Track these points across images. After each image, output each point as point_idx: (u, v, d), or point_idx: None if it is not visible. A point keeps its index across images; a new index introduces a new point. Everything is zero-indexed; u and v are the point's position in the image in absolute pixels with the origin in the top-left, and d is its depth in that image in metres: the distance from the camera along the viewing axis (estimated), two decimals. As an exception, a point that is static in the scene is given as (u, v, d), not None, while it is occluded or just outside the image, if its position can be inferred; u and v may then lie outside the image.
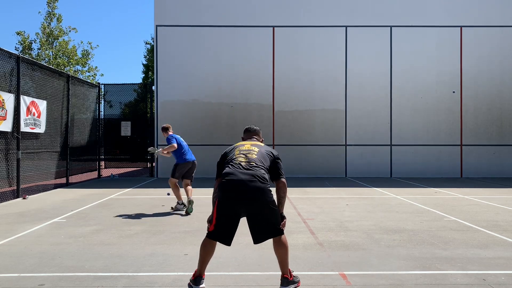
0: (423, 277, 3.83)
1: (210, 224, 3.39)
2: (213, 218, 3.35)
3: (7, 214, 7.06)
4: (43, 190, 10.09)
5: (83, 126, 13.21)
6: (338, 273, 3.92)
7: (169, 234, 5.55)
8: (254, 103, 14.28)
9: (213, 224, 3.34)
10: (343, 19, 14.32)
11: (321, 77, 14.26)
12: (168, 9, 14.28)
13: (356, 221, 6.47)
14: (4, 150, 8.62)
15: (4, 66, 8.52)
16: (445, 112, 14.27)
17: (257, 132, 4.02)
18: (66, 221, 6.45)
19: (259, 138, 4.01)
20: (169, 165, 14.33)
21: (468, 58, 14.31)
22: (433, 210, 7.45)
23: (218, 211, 3.33)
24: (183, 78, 14.17)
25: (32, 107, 9.53)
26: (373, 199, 8.84)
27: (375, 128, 14.35)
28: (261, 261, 4.33)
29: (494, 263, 4.26)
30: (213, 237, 3.38)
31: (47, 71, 10.75)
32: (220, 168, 3.59)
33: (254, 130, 4.01)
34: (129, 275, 3.88)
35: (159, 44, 14.19)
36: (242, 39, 14.25)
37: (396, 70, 14.32)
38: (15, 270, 4.02)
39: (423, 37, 14.31)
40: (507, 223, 6.30)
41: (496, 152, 14.26)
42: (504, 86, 14.34)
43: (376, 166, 14.19)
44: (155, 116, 14.23)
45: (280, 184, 3.50)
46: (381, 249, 4.79)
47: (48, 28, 21.96)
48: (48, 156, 10.69)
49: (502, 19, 14.34)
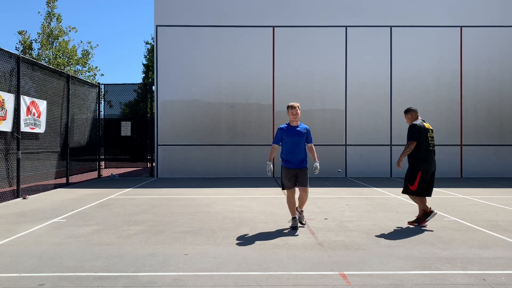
0: (423, 277, 3.83)
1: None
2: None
3: (7, 214, 7.06)
4: (43, 190, 10.09)
5: (83, 126, 13.21)
6: (338, 273, 3.93)
7: (169, 234, 5.55)
8: (254, 103, 14.29)
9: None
10: (343, 19, 14.32)
11: (321, 77, 14.26)
12: (168, 9, 14.28)
13: (356, 221, 6.47)
14: (4, 150, 8.62)
15: (4, 66, 8.53)
16: (445, 112, 14.27)
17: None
18: (66, 221, 6.45)
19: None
20: (169, 165, 14.43)
21: (468, 58, 14.31)
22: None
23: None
24: (183, 78, 14.18)
25: (32, 107, 9.53)
26: (373, 199, 8.84)
27: (375, 128, 14.35)
28: (261, 261, 4.33)
29: (494, 263, 4.26)
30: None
31: (47, 71, 10.75)
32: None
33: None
34: (129, 275, 3.88)
35: (159, 44, 14.20)
36: (242, 39, 14.25)
37: (396, 70, 14.32)
38: (15, 270, 4.02)
39: (423, 37, 14.31)
40: (507, 223, 6.30)
41: (496, 152, 14.26)
42: (504, 86, 14.34)
43: (376, 166, 14.19)
44: (155, 116, 14.23)
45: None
46: (381, 249, 4.79)
47: (48, 28, 21.97)
48: (48, 156, 10.69)
49: (502, 19, 14.34)
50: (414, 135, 5.94)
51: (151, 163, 14.82)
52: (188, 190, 10.30)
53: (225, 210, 7.44)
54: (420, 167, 5.92)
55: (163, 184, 11.87)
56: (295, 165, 5.90)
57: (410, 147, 5.92)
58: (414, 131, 5.95)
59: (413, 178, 5.94)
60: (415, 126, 5.99)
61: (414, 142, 5.91)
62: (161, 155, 14.12)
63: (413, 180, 5.94)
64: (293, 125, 5.95)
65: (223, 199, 8.79)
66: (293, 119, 5.91)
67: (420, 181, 5.92)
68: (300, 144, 5.89)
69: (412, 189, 5.99)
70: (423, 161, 5.93)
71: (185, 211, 7.27)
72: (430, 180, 6.03)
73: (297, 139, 5.86)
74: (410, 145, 5.92)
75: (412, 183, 5.96)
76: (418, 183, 5.92)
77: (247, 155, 14.17)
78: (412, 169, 6.00)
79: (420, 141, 5.91)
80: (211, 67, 14.21)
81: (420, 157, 5.93)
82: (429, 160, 5.97)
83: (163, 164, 14.09)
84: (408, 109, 6.32)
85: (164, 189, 10.58)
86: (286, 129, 5.95)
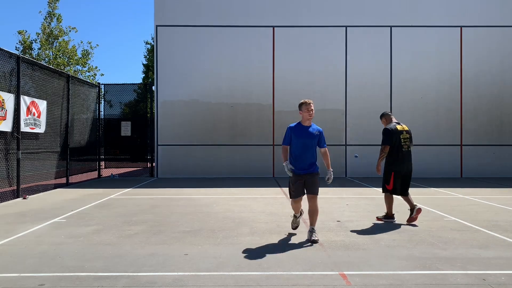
0: (423, 277, 3.83)
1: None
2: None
3: (7, 214, 7.06)
4: (43, 190, 10.09)
5: (83, 126, 13.21)
6: (338, 273, 3.92)
7: (169, 234, 5.55)
8: (254, 103, 14.28)
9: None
10: (343, 19, 14.31)
11: (321, 77, 14.25)
12: (168, 9, 14.27)
13: (356, 221, 6.47)
14: (4, 150, 8.62)
15: (4, 66, 8.52)
16: (445, 112, 14.26)
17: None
18: (66, 221, 6.45)
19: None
20: (169, 165, 14.42)
21: (468, 58, 14.31)
22: (433, 210, 7.45)
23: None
24: (183, 78, 14.17)
25: (32, 107, 9.53)
26: (373, 199, 8.84)
27: (375, 128, 14.30)
28: (261, 261, 4.33)
29: (494, 263, 4.25)
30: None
31: (47, 71, 10.75)
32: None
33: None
34: (129, 275, 3.88)
35: (159, 44, 14.19)
36: (242, 39, 14.25)
37: (396, 70, 14.31)
38: (15, 270, 4.02)
39: (423, 37, 14.31)
40: (507, 223, 6.30)
41: (496, 152, 14.25)
42: (504, 86, 14.33)
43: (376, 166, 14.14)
44: (155, 116, 14.23)
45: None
46: (381, 249, 4.79)
47: (48, 28, 21.97)
48: (48, 156, 10.69)
49: (502, 19, 14.34)
50: (386, 139, 6.23)
51: (151, 163, 14.82)
52: (188, 190, 10.30)
53: (225, 210, 7.43)
54: (393, 168, 6.23)
55: (163, 184, 11.87)
56: (303, 170, 5.21)
57: (384, 151, 6.24)
58: (386, 135, 6.26)
59: (388, 179, 6.28)
60: (386, 130, 6.30)
61: (388, 146, 6.21)
62: (161, 155, 14.11)
63: (389, 180, 6.28)
64: (305, 125, 5.27)
65: (223, 199, 8.78)
66: (308, 117, 5.23)
67: (394, 181, 6.24)
68: (311, 148, 5.24)
69: (389, 188, 6.32)
70: (395, 162, 6.22)
71: (185, 211, 7.27)
72: (406, 180, 6.31)
73: (308, 142, 5.19)
74: (384, 149, 6.24)
75: (388, 183, 6.30)
76: (392, 183, 6.25)
77: (247, 155, 14.17)
78: (386, 170, 6.34)
79: (392, 143, 6.20)
80: (211, 67, 14.20)
81: (392, 159, 6.23)
82: (402, 161, 6.23)
83: (163, 164, 14.09)
84: (382, 114, 6.71)
85: (164, 189, 10.57)
86: (297, 129, 5.27)
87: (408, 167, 6.29)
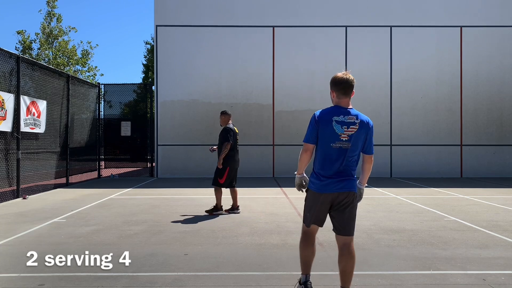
0: (423, 277, 3.83)
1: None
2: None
3: (7, 214, 7.05)
4: (43, 190, 10.09)
5: (83, 126, 13.21)
6: (338, 273, 3.92)
7: (169, 234, 5.55)
8: (254, 103, 14.28)
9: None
10: (343, 19, 14.31)
11: (321, 77, 14.23)
12: (168, 9, 14.27)
13: (356, 221, 6.45)
14: (4, 150, 8.62)
15: (4, 66, 8.52)
16: (445, 112, 14.26)
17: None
18: (66, 221, 6.45)
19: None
20: (169, 165, 14.42)
21: (468, 58, 14.31)
22: (433, 210, 7.45)
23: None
24: (183, 78, 14.17)
25: (32, 107, 9.53)
26: (373, 199, 8.84)
27: (375, 128, 14.25)
28: (261, 261, 4.33)
29: (494, 263, 4.25)
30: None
31: (47, 71, 10.75)
32: None
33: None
34: (129, 275, 3.88)
35: (159, 44, 14.19)
36: (242, 39, 14.24)
37: (396, 70, 14.31)
38: (15, 270, 4.02)
39: (423, 37, 14.31)
40: (507, 223, 6.30)
41: (496, 152, 14.25)
42: (504, 86, 14.33)
43: (376, 166, 13.97)
44: (155, 116, 14.23)
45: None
46: (381, 249, 4.79)
47: (48, 28, 21.97)
48: (48, 156, 10.69)
49: (502, 19, 14.34)
50: (230, 137, 6.91)
51: (151, 163, 14.81)
52: (188, 190, 10.30)
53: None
54: (229, 164, 6.96)
55: (163, 184, 11.87)
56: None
57: (227, 148, 6.88)
58: (229, 134, 6.95)
59: (222, 173, 6.95)
60: (229, 129, 7.00)
61: (230, 143, 6.89)
62: (161, 155, 14.11)
63: (222, 174, 6.95)
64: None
65: (223, 199, 8.77)
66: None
67: (228, 175, 6.97)
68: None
69: (220, 182, 6.99)
70: (231, 159, 6.99)
71: (185, 211, 7.27)
72: (234, 175, 7.17)
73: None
74: (227, 146, 6.87)
75: (222, 177, 6.97)
76: (226, 177, 6.96)
77: (247, 155, 14.12)
78: (222, 165, 6.97)
79: (232, 142, 6.93)
80: (211, 67, 14.20)
81: (229, 156, 6.95)
82: (236, 158, 7.10)
83: (163, 164, 14.08)
84: (225, 112, 7.35)
85: (164, 189, 10.57)
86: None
87: (239, 163, 7.22)
